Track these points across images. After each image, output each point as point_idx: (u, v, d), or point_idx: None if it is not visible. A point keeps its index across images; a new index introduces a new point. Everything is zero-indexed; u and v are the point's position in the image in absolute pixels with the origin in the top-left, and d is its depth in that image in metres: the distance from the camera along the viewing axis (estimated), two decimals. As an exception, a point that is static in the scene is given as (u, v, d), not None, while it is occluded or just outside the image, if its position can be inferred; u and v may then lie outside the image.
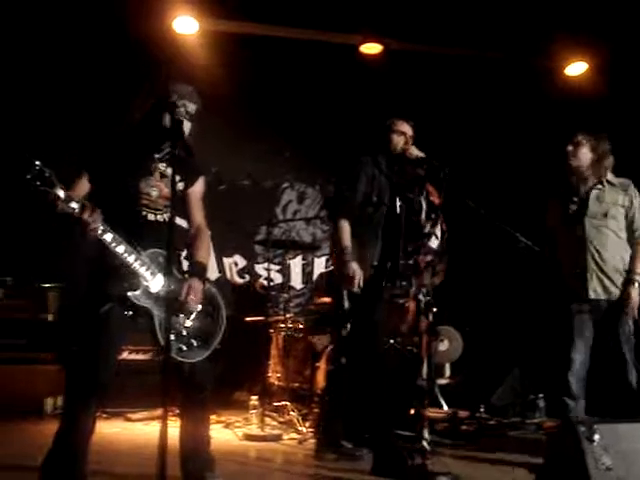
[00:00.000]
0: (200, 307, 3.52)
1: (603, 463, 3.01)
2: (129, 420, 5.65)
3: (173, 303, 3.25)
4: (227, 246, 7.44)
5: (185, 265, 3.70)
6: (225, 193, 7.42)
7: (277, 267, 7.61)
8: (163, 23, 6.27)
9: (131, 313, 3.33)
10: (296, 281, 7.80)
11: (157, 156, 3.49)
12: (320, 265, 7.80)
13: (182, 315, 3.43)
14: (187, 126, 3.35)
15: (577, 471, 3.04)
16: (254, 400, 5.64)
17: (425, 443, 3.86)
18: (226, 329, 3.62)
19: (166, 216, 3.47)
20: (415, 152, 4.48)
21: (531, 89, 6.95)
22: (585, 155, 4.70)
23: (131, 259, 3.27)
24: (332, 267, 6.84)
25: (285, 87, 7.23)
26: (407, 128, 4.58)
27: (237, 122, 7.14)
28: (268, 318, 6.12)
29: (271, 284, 6.17)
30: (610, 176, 4.73)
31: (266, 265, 6.07)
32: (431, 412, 5.66)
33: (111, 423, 5.53)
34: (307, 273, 7.83)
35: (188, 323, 3.45)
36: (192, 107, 3.42)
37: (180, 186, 3.51)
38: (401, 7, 6.20)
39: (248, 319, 6.44)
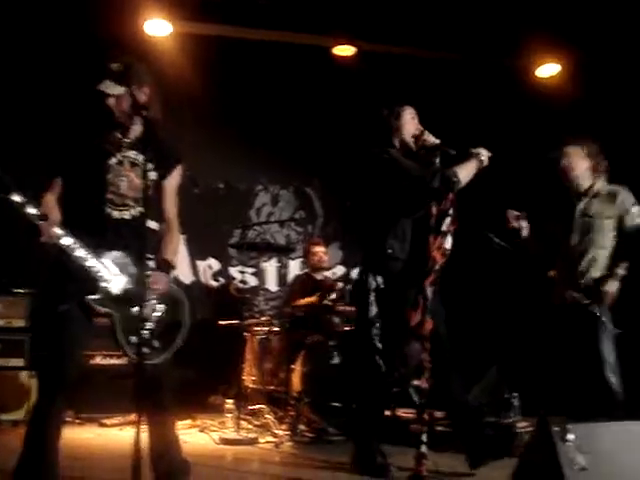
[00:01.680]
0: (162, 308, 3.42)
1: (577, 463, 3.00)
2: (104, 426, 5.60)
3: (134, 305, 3.18)
4: (201, 249, 7.40)
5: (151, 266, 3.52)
6: (199, 196, 7.38)
7: (252, 270, 7.58)
8: (134, 25, 6.22)
9: (91, 314, 3.28)
10: (271, 284, 7.77)
11: (126, 141, 3.36)
12: (295, 267, 7.78)
13: (143, 316, 3.30)
14: (114, 88, 3.26)
15: (551, 471, 3.04)
16: (229, 404, 5.60)
17: (424, 448, 3.75)
18: (200, 332, 3.57)
19: (133, 212, 3.34)
20: (430, 138, 4.22)
21: (503, 91, 6.99)
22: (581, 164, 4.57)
23: (90, 263, 3.22)
24: (307, 270, 6.84)
25: (259, 89, 7.19)
26: (415, 113, 4.33)
27: (210, 125, 7.10)
28: (243, 321, 6.05)
29: (246, 287, 6.13)
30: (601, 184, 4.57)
31: (240, 268, 6.04)
32: (405, 413, 5.68)
33: (85, 429, 5.49)
34: (282, 275, 7.81)
35: (149, 324, 3.32)
36: (115, 66, 3.34)
37: (153, 176, 3.35)
38: (372, 9, 6.21)
39: (222, 322, 6.37)
